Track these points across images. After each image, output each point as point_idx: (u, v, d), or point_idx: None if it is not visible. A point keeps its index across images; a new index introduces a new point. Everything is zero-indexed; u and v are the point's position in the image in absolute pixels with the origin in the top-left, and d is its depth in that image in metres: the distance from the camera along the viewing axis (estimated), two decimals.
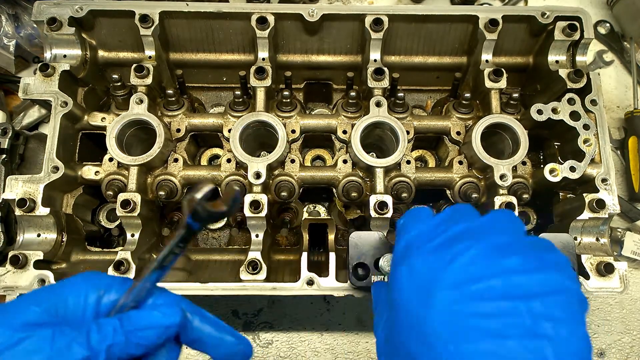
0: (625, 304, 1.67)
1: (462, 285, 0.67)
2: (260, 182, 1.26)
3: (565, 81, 1.34)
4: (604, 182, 1.29)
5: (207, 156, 1.56)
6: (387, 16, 1.35)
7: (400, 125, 1.30)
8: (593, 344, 1.63)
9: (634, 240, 1.62)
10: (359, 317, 1.58)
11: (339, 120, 1.40)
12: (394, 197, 1.28)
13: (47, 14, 1.33)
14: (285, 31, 1.42)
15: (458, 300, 0.66)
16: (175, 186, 1.35)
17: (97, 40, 1.44)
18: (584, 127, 1.29)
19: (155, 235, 1.44)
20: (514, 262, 0.68)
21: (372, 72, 1.36)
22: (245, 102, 1.38)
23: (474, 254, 0.69)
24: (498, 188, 1.28)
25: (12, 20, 1.69)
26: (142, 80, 1.34)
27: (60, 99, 1.30)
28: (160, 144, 1.28)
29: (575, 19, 1.36)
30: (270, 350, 1.60)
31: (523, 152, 1.28)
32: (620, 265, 1.22)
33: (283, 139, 1.30)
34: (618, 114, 1.86)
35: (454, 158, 1.39)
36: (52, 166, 1.26)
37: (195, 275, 1.35)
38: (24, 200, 1.21)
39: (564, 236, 1.09)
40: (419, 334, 0.68)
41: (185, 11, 1.36)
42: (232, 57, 1.51)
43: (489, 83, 1.36)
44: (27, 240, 1.26)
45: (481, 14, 1.36)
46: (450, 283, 0.68)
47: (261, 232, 1.27)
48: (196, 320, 0.76)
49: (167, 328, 0.72)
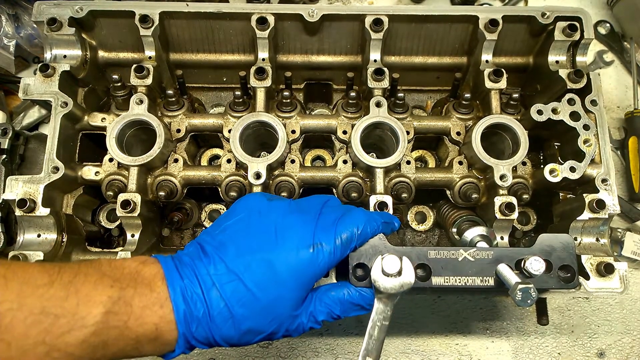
0: (625, 304, 1.67)
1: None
2: (260, 183, 1.26)
3: (566, 81, 1.34)
4: (604, 183, 1.29)
5: (207, 156, 1.56)
6: (387, 16, 1.35)
7: (400, 125, 1.30)
8: (593, 344, 1.64)
9: (634, 240, 1.62)
10: (358, 317, 1.58)
11: (339, 120, 1.40)
12: (394, 197, 1.28)
13: (47, 14, 1.33)
14: (285, 31, 1.42)
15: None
16: (175, 186, 1.35)
17: (97, 41, 1.44)
18: (584, 128, 1.29)
19: (155, 236, 1.44)
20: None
21: (372, 72, 1.36)
22: (245, 102, 1.38)
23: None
24: (498, 188, 1.28)
25: (12, 20, 1.69)
26: (142, 81, 1.34)
27: (61, 99, 1.30)
28: (160, 144, 1.28)
29: (575, 19, 1.36)
30: (270, 350, 1.60)
31: (523, 152, 1.28)
32: (620, 265, 1.22)
33: (283, 139, 1.30)
34: (618, 114, 1.86)
35: (454, 158, 1.39)
36: (52, 166, 1.26)
37: None
38: (24, 200, 1.21)
39: (564, 236, 1.09)
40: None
41: (185, 11, 1.36)
42: (232, 58, 1.51)
43: (489, 83, 1.36)
44: (28, 241, 1.26)
45: (481, 14, 1.36)
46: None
47: None
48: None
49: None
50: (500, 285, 1.03)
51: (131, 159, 1.27)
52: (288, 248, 0.93)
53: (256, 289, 0.90)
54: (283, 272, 0.92)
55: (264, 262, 0.92)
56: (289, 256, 0.93)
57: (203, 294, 0.89)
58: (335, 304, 1.00)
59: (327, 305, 1.00)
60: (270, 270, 0.92)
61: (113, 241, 1.52)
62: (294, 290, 0.93)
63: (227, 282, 0.90)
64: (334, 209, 1.04)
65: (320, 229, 0.96)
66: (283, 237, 0.95)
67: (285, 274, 0.92)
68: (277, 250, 0.93)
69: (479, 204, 1.37)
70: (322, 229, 0.97)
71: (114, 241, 1.52)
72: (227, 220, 1.01)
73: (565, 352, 1.63)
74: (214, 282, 0.90)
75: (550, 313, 1.64)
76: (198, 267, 0.92)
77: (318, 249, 0.94)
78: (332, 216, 1.00)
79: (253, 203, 1.03)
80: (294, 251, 0.93)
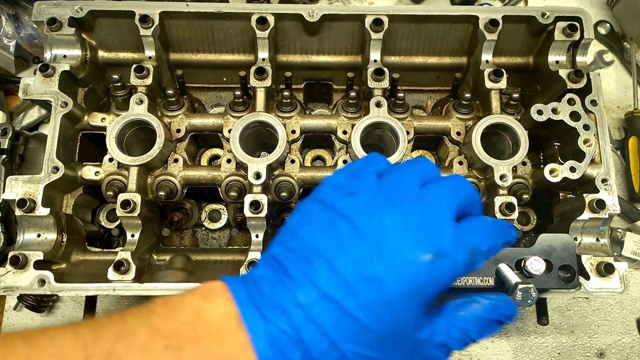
0: (625, 305, 1.67)
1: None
2: (260, 183, 1.26)
3: (566, 81, 1.34)
4: (604, 183, 1.29)
5: (207, 156, 1.56)
6: (387, 16, 1.35)
7: (400, 125, 1.30)
8: (593, 344, 1.63)
9: (634, 240, 1.62)
10: None
11: (339, 120, 1.40)
12: None
13: (47, 14, 1.33)
14: (285, 31, 1.42)
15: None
16: (175, 186, 1.35)
17: (97, 41, 1.44)
18: (584, 128, 1.29)
19: (155, 236, 1.44)
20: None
21: (372, 72, 1.36)
22: (245, 102, 1.38)
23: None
24: (498, 188, 1.28)
25: (12, 20, 1.69)
26: (142, 81, 1.34)
27: (61, 99, 1.30)
28: (160, 144, 1.28)
29: (575, 19, 1.36)
30: None
31: (523, 152, 1.28)
32: (620, 265, 1.22)
33: (283, 139, 1.30)
34: (618, 114, 1.86)
35: (454, 158, 1.39)
36: (52, 166, 1.26)
37: (195, 275, 1.35)
38: (24, 200, 1.21)
39: (564, 236, 1.09)
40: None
41: (185, 11, 1.36)
42: (232, 58, 1.51)
43: (489, 83, 1.36)
44: (27, 241, 1.25)
45: (481, 14, 1.36)
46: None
47: (261, 232, 1.27)
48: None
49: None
50: (500, 285, 1.03)
51: (131, 158, 1.27)
52: (397, 258, 0.70)
53: (366, 317, 0.67)
54: (397, 291, 0.68)
55: (369, 280, 0.68)
56: (402, 270, 0.69)
57: (295, 333, 0.66)
58: (472, 325, 0.77)
59: (463, 330, 0.77)
60: (379, 290, 0.68)
61: (113, 241, 1.52)
62: (416, 311, 0.72)
63: (323, 312, 0.67)
64: (438, 188, 0.78)
65: (432, 227, 0.73)
66: (387, 244, 0.70)
67: (400, 293, 0.69)
68: (382, 263, 0.69)
69: None
70: (435, 228, 0.73)
71: (113, 241, 1.52)
72: (305, 225, 0.76)
73: (565, 352, 1.63)
74: (308, 315, 0.66)
75: (550, 313, 1.64)
76: (282, 295, 0.68)
77: (437, 259, 0.71)
78: (440, 202, 0.76)
79: (331, 198, 0.77)
80: (407, 261, 0.70)
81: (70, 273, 1.29)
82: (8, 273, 1.18)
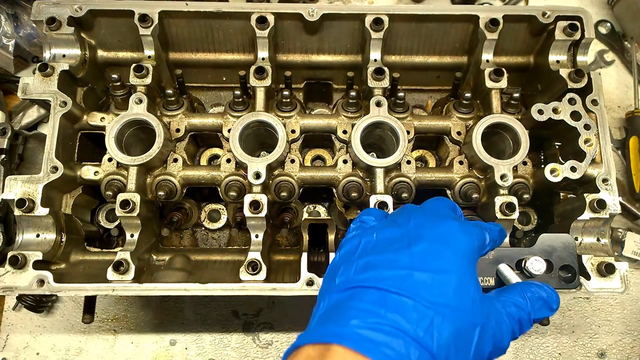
0: (626, 305, 1.67)
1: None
2: (260, 182, 1.25)
3: (566, 81, 1.34)
4: (604, 182, 1.28)
5: (206, 156, 1.56)
6: (387, 16, 1.35)
7: (400, 125, 1.30)
8: (594, 344, 1.63)
9: (635, 240, 1.62)
10: None
11: (339, 120, 1.39)
12: (394, 197, 1.27)
13: (47, 13, 1.32)
14: (285, 31, 1.42)
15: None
16: (174, 186, 1.35)
17: (96, 40, 1.43)
18: (585, 127, 1.28)
19: (154, 236, 1.43)
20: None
21: (373, 71, 1.36)
22: (245, 102, 1.37)
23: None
24: (498, 188, 1.27)
25: (12, 20, 1.69)
26: (142, 80, 1.34)
27: (60, 98, 1.30)
28: (159, 144, 1.27)
29: (576, 19, 1.35)
30: (270, 351, 1.59)
31: (524, 152, 1.28)
32: (621, 265, 1.22)
33: (283, 139, 1.29)
34: (619, 114, 1.85)
35: (455, 158, 1.39)
36: (51, 166, 1.26)
37: (195, 275, 1.35)
38: (23, 200, 1.21)
39: (565, 236, 1.09)
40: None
41: (185, 11, 1.35)
42: (231, 57, 1.51)
43: (490, 83, 1.35)
44: (26, 241, 1.25)
45: (482, 13, 1.36)
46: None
47: (261, 232, 1.27)
48: None
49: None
50: (500, 285, 1.03)
51: (130, 158, 1.27)
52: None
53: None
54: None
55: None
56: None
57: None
58: (522, 313, 0.88)
59: (514, 319, 0.88)
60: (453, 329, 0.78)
61: (112, 241, 1.51)
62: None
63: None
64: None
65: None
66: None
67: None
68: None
69: (479, 203, 1.37)
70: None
71: (113, 241, 1.52)
72: (408, 257, 0.85)
73: (565, 352, 1.62)
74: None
75: None
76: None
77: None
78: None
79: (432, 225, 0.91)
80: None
81: (69, 273, 1.29)
82: (7, 273, 1.18)
